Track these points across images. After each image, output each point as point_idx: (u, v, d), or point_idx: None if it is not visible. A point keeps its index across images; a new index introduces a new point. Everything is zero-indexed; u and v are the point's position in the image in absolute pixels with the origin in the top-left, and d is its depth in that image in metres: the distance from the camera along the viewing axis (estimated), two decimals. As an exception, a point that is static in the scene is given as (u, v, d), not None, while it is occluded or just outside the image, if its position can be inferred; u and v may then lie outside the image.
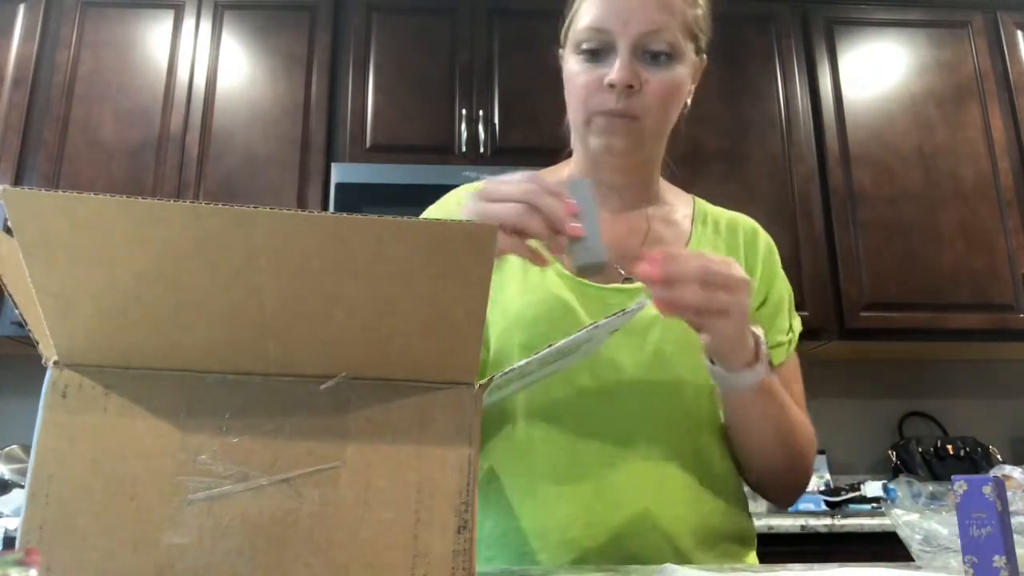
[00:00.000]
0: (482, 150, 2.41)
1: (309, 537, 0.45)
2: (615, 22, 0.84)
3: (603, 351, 0.83)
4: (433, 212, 0.94)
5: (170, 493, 0.45)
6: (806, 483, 0.90)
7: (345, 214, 0.43)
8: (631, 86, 0.83)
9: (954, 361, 2.69)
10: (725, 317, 0.71)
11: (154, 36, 2.47)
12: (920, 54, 2.61)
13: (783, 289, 0.95)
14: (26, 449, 2.17)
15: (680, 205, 0.98)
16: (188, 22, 2.48)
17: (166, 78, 2.43)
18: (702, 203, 1.00)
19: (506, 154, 2.40)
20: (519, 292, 0.87)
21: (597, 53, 0.86)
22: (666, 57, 0.85)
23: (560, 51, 0.94)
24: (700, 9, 0.90)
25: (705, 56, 0.92)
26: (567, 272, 0.87)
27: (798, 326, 0.95)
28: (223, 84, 2.44)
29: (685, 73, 0.88)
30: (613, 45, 0.85)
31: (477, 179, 0.83)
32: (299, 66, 2.46)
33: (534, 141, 2.41)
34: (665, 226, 0.94)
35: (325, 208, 2.34)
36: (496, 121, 2.44)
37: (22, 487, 2.01)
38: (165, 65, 2.44)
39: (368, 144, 2.41)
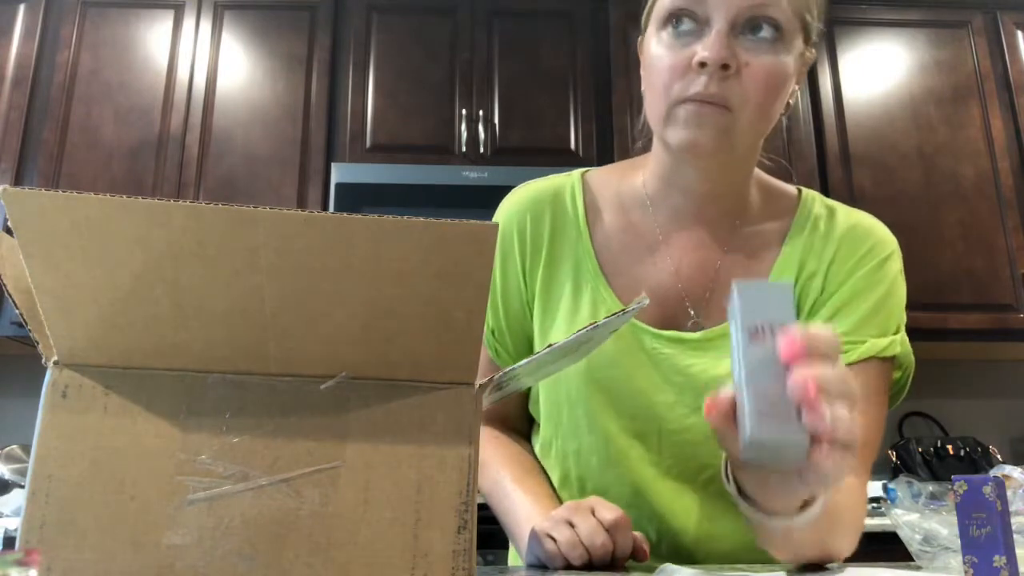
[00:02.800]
0: (482, 150, 2.40)
1: (309, 537, 0.45)
2: None
3: (659, 412, 0.75)
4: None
5: (170, 493, 0.45)
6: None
7: (345, 214, 0.43)
8: (727, 66, 0.67)
9: (954, 361, 2.69)
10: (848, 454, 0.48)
11: (154, 36, 2.47)
12: (920, 54, 2.61)
13: (874, 295, 0.78)
14: (26, 449, 2.17)
15: (776, 217, 0.82)
16: (188, 22, 2.48)
17: (166, 78, 2.43)
18: (812, 203, 0.84)
19: (506, 154, 2.40)
20: (566, 331, 0.78)
21: (686, 31, 0.70)
22: (771, 38, 0.69)
23: (640, 39, 0.79)
24: None
25: (814, 51, 0.76)
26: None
27: (879, 345, 0.74)
28: (223, 84, 2.44)
29: (791, 62, 0.71)
30: (707, 19, 0.69)
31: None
32: (299, 66, 2.46)
33: (534, 141, 2.42)
34: (747, 257, 0.78)
35: (325, 208, 2.34)
36: (496, 121, 2.44)
37: (22, 487, 2.01)
38: (165, 65, 2.44)
39: (368, 144, 2.41)
